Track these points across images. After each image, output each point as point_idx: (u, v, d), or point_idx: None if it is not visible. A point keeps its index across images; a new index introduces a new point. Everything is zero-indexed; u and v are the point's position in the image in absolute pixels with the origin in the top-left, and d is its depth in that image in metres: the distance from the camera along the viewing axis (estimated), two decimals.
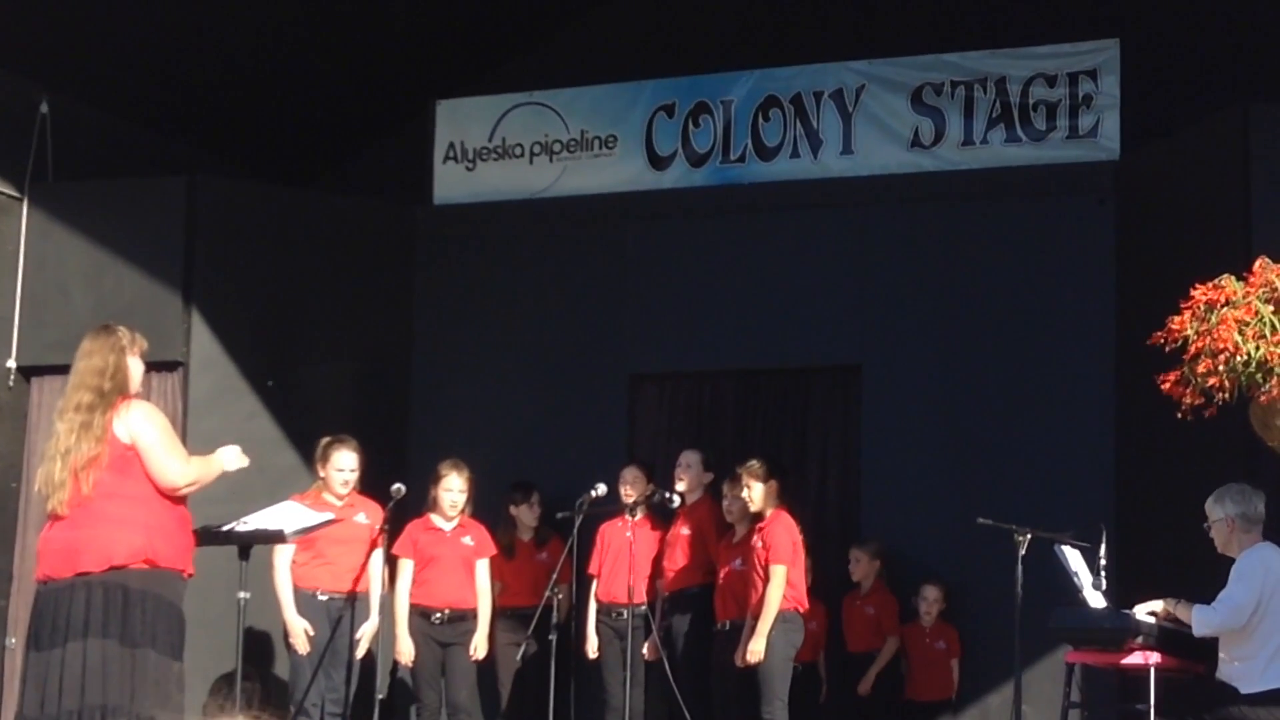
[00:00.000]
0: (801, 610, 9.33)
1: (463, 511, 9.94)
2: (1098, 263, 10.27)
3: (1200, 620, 7.55)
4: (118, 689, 6.82)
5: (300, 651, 9.35)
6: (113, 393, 7.00)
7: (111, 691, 6.81)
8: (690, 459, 10.08)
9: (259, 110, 11.92)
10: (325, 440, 9.68)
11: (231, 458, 7.35)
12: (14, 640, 10.38)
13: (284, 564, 9.43)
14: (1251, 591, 7.46)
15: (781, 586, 9.14)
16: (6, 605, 10.68)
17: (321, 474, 9.62)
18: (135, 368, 7.17)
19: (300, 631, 9.34)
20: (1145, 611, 7.77)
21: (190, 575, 7.16)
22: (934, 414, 10.49)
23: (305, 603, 9.42)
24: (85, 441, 6.90)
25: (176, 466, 7.03)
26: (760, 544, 9.28)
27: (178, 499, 7.08)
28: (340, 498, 9.47)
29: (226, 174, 11.61)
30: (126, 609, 6.87)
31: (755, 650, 9.10)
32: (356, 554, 9.28)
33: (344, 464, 9.56)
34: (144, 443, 6.97)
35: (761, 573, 9.23)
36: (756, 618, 9.18)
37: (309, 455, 9.93)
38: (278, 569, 9.42)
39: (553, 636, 9.11)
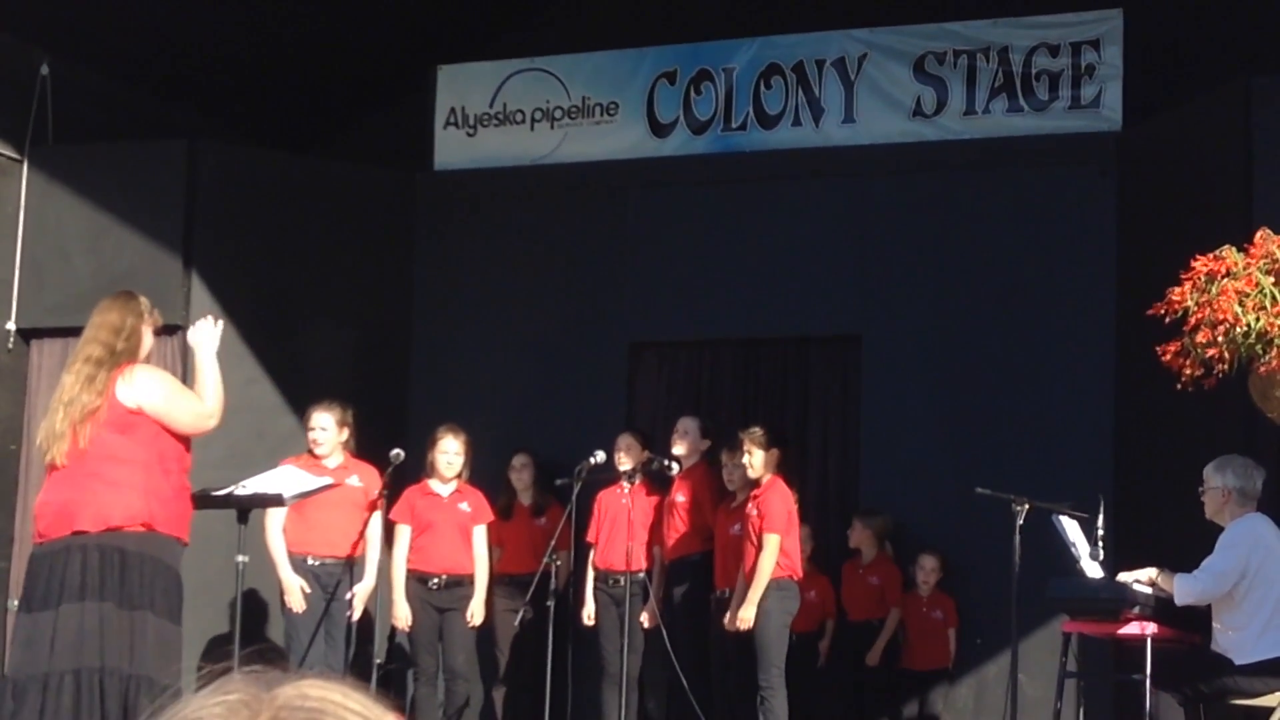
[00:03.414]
0: (796, 578, 9.35)
1: (460, 476, 9.95)
2: (1099, 233, 10.26)
3: (1182, 589, 7.57)
4: (116, 651, 6.83)
5: (296, 610, 9.35)
6: (123, 354, 7.01)
7: (110, 653, 6.82)
8: (688, 425, 10.09)
9: (260, 75, 11.89)
10: None
11: (204, 338, 7.28)
12: (15, 602, 10.40)
13: (276, 525, 9.42)
14: (1235, 560, 7.48)
15: (774, 555, 9.16)
16: (7, 567, 10.69)
17: None
18: (148, 338, 7.19)
19: (296, 589, 9.33)
20: (1134, 579, 7.78)
21: (187, 543, 7.16)
22: (934, 384, 10.49)
23: (296, 568, 9.41)
24: (87, 393, 6.91)
25: (199, 409, 7.06)
26: (755, 512, 9.29)
27: (178, 467, 7.07)
28: (316, 458, 9.46)
29: (227, 139, 11.59)
30: (124, 572, 6.87)
31: (744, 618, 9.12)
32: (346, 517, 9.29)
33: (315, 423, 9.56)
34: (158, 404, 6.96)
35: (755, 540, 9.24)
36: (749, 584, 9.20)
37: (305, 419, 9.93)
38: (270, 530, 9.41)
39: (550, 603, 9.13)
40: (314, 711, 1.51)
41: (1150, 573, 7.76)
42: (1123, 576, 7.80)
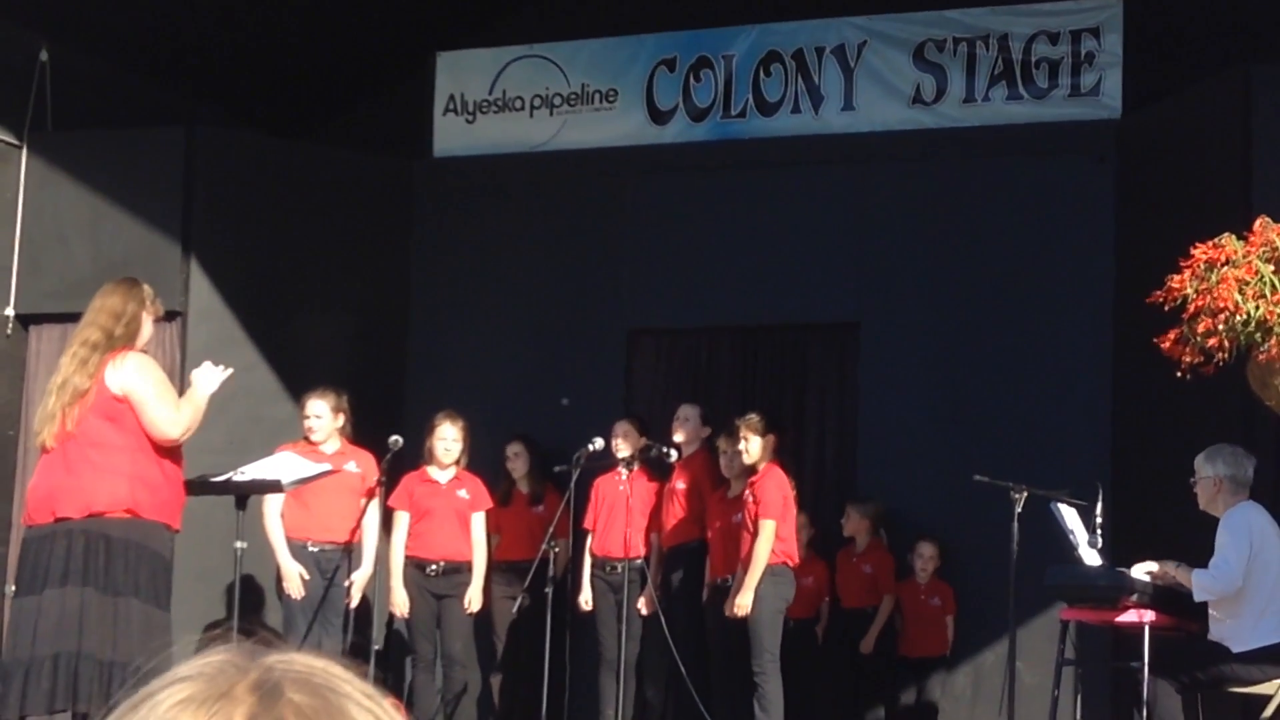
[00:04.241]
0: (791, 564, 9.36)
1: (458, 463, 9.95)
2: (1097, 221, 10.26)
3: (1200, 587, 7.54)
4: (96, 637, 6.82)
5: (295, 596, 9.35)
6: (121, 339, 7.00)
7: (89, 639, 6.81)
8: (688, 413, 10.10)
9: (259, 61, 11.88)
10: None
11: (207, 379, 7.26)
12: (13, 588, 10.40)
13: (274, 511, 9.42)
14: (1244, 553, 7.47)
15: (770, 541, 9.17)
16: (5, 552, 10.69)
17: None
18: (147, 326, 7.17)
19: (295, 575, 9.33)
20: (1143, 571, 7.77)
21: (177, 530, 7.15)
22: (932, 371, 10.49)
23: (295, 553, 9.40)
24: (78, 376, 6.91)
25: (169, 416, 6.99)
26: (751, 498, 9.29)
27: (168, 453, 7.06)
28: (312, 444, 9.45)
29: (226, 124, 11.58)
30: (109, 558, 6.86)
31: (742, 604, 9.13)
32: (344, 502, 9.29)
33: (310, 410, 9.57)
34: (138, 396, 6.95)
35: (751, 527, 9.25)
36: (746, 571, 9.21)
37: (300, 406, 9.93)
38: (268, 516, 9.41)
39: (549, 590, 9.13)
40: (302, 674, 1.51)
41: (1169, 565, 7.74)
42: (1141, 567, 7.77)
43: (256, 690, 1.48)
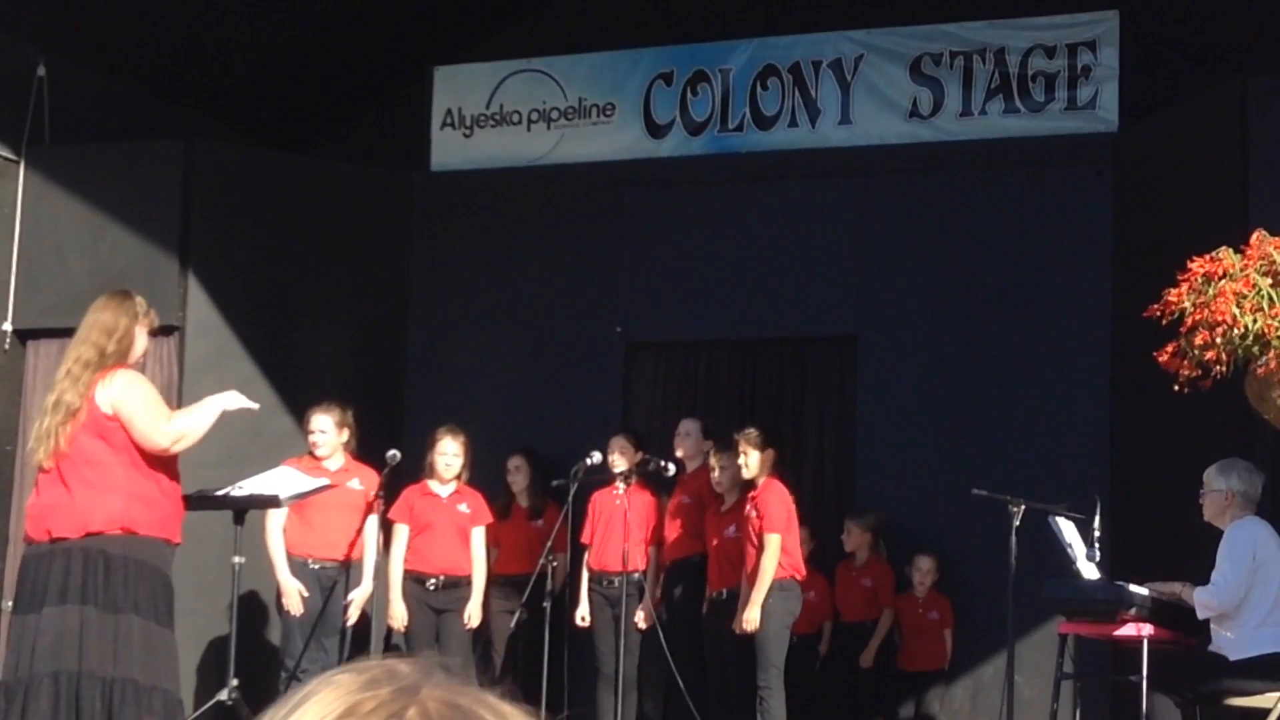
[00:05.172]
0: (799, 578, 9.35)
1: (459, 477, 9.95)
2: (1095, 234, 10.27)
3: (1200, 605, 7.56)
4: (96, 655, 6.80)
5: (294, 613, 9.33)
6: (114, 356, 6.97)
7: (89, 657, 6.79)
8: (690, 428, 10.10)
9: (257, 74, 11.89)
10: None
11: (228, 398, 7.24)
12: (10, 604, 10.40)
13: (276, 526, 9.40)
14: (1245, 568, 7.48)
15: (776, 555, 9.16)
16: (3, 568, 10.68)
17: None
18: (141, 339, 7.15)
19: (294, 592, 9.31)
20: (1159, 592, 7.76)
21: (177, 543, 7.13)
22: (930, 385, 10.49)
23: (296, 570, 9.39)
24: (70, 394, 6.89)
25: (160, 426, 6.96)
26: (754, 512, 9.29)
27: (164, 468, 7.03)
28: (316, 459, 9.44)
29: (224, 138, 11.59)
30: (108, 575, 6.84)
31: (750, 619, 9.12)
32: (347, 519, 9.27)
33: (315, 425, 9.55)
34: (126, 410, 6.92)
35: (755, 541, 9.24)
36: (752, 586, 9.19)
37: (305, 421, 9.93)
38: (270, 531, 9.39)
39: (546, 604, 9.12)
40: (451, 690, 1.62)
41: (1175, 586, 7.75)
42: (1153, 587, 7.77)
43: (396, 686, 1.59)
